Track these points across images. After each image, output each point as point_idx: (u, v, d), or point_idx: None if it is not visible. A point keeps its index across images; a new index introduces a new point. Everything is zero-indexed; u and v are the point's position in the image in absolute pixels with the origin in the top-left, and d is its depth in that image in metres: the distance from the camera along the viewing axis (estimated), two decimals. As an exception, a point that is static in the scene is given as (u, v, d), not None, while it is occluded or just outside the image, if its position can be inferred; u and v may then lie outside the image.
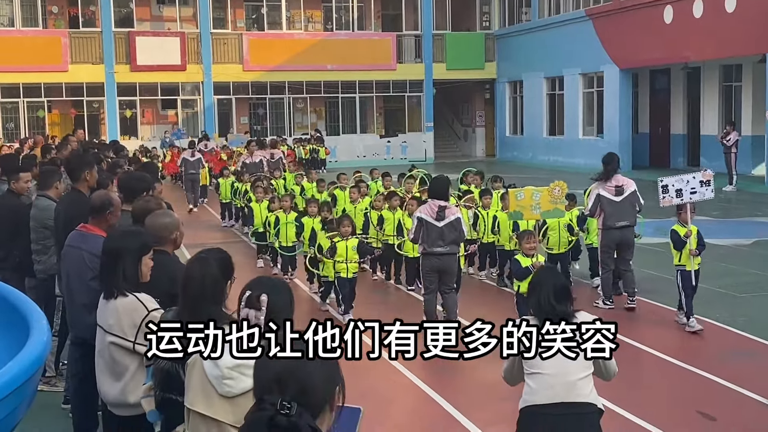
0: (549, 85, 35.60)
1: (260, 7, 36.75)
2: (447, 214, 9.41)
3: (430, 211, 9.43)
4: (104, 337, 4.84)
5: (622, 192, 10.98)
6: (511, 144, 38.37)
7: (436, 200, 9.56)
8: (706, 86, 29.44)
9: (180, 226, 5.53)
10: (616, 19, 30.41)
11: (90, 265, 5.70)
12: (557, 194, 9.73)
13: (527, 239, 8.98)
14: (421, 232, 9.42)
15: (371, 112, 39.01)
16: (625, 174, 12.80)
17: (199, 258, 4.14)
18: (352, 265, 10.50)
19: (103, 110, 34.67)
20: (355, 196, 14.12)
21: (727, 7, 25.13)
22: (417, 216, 9.54)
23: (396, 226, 12.49)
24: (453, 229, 9.42)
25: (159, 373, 4.04)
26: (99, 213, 6.08)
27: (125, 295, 4.78)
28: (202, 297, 3.98)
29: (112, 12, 33.93)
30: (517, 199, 9.76)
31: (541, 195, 9.63)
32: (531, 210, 9.65)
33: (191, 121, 36.48)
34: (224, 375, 3.32)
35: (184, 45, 34.62)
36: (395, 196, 13.16)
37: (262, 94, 36.86)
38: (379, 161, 36.56)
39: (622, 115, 30.55)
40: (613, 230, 10.83)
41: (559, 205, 9.83)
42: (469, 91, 40.75)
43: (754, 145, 26.60)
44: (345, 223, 10.75)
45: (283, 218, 12.88)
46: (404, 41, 38.22)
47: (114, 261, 4.82)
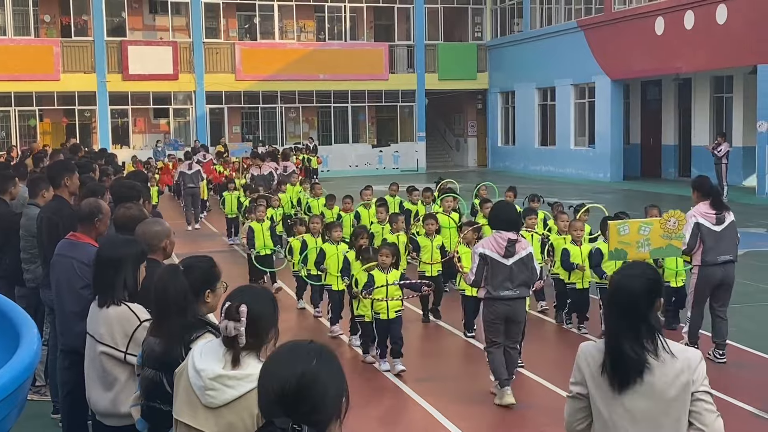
0: (541, 95, 35.70)
1: (253, 16, 36.78)
2: (517, 249, 7.71)
3: (496, 245, 7.68)
4: (95, 346, 4.81)
5: (723, 220, 9.00)
6: (503, 154, 38.44)
7: (504, 232, 7.74)
8: (698, 97, 29.56)
9: (171, 235, 5.50)
10: (608, 30, 30.52)
11: (80, 274, 5.66)
12: (672, 227, 8.08)
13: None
14: (484, 273, 7.70)
15: (363, 121, 39.04)
16: (617, 185, 12.71)
17: (168, 268, 4.14)
18: (394, 303, 8.81)
19: (94, 119, 34.61)
20: (383, 216, 12.39)
21: (718, 18, 25.25)
22: (479, 252, 7.75)
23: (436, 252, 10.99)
24: (524, 267, 7.73)
25: (144, 381, 4.03)
26: (87, 220, 6.02)
27: (118, 304, 4.75)
28: (166, 307, 3.97)
29: (104, 21, 33.91)
30: (620, 233, 8.04)
31: (651, 229, 8.04)
32: (638, 248, 7.97)
33: (183, 130, 36.45)
34: (207, 386, 3.29)
35: (177, 54, 34.61)
36: (430, 219, 11.36)
37: (255, 104, 36.87)
38: (371, 171, 36.68)
39: (613, 126, 30.64)
40: (714, 267, 8.89)
41: (674, 240, 8.14)
42: (461, 101, 40.83)
43: (745, 156, 26.70)
44: (384, 252, 8.94)
45: (311, 243, 11.11)
46: (396, 51, 38.29)
47: (114, 269, 4.79)
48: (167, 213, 20.56)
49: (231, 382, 3.26)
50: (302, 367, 2.43)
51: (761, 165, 24.24)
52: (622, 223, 8.16)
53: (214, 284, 4.14)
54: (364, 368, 9.12)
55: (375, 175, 35.15)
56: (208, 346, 3.44)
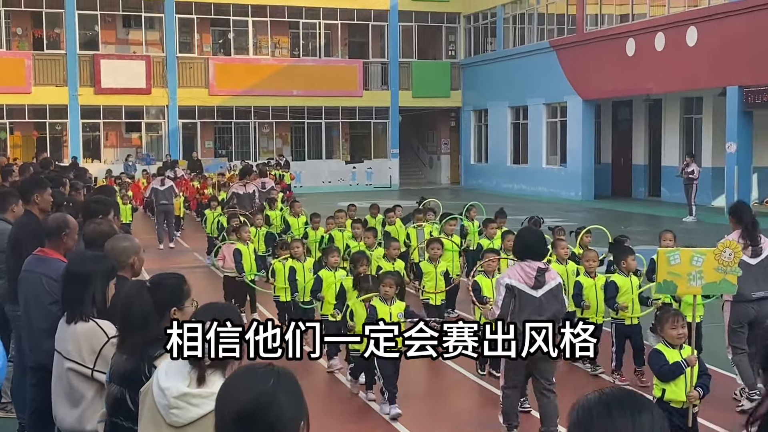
0: (513, 114, 35.93)
1: (227, 32, 36.77)
2: (547, 279, 7.06)
3: (525, 275, 7.00)
4: (62, 362, 4.77)
5: (759, 253, 8.17)
6: (476, 172, 38.60)
7: (532, 261, 7.08)
8: (668, 118, 29.88)
9: (140, 251, 5.47)
10: (580, 50, 30.81)
11: (48, 290, 5.61)
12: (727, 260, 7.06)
13: (672, 322, 6.44)
14: (511, 306, 6.96)
15: (337, 138, 39.08)
16: (588, 203, 12.47)
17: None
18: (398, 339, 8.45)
19: (66, 132, 34.36)
20: (371, 241, 11.77)
21: (689, 41, 25.58)
22: (505, 283, 7.02)
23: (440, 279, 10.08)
24: (553, 299, 7.06)
25: (109, 398, 4.02)
26: (55, 235, 5.97)
27: (86, 320, 4.72)
28: (129, 323, 3.98)
29: (77, 34, 33.73)
30: (671, 263, 6.98)
31: (704, 259, 6.97)
32: (689, 281, 6.91)
33: (155, 144, 36.28)
34: (171, 404, 3.28)
35: (150, 68, 34.48)
36: (436, 243, 10.46)
37: (228, 119, 36.80)
38: (345, 187, 36.70)
39: (584, 145, 30.88)
40: (748, 303, 8.10)
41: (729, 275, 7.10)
42: (434, 118, 41.00)
43: (714, 176, 26.99)
44: (388, 282, 7.98)
45: (299, 267, 10.37)
46: (371, 68, 38.42)
47: (83, 285, 4.76)
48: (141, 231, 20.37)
49: (196, 401, 3.25)
50: (259, 389, 2.40)
51: (730, 186, 24.51)
52: (672, 251, 7.10)
53: (182, 302, 4.12)
54: (359, 408, 8.54)
55: (348, 192, 35.18)
56: (173, 364, 3.43)
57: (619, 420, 2.10)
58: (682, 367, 6.25)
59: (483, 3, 37.38)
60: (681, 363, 6.25)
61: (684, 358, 6.29)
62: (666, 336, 6.44)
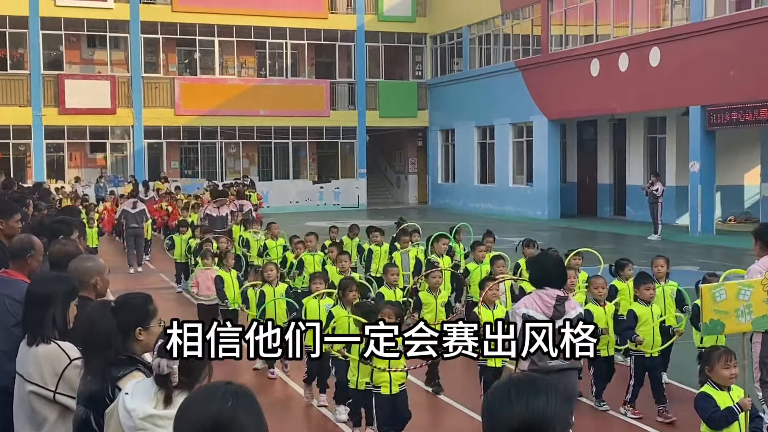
0: (480, 133, 36.15)
1: (193, 51, 36.68)
2: (567, 309, 6.47)
3: (542, 305, 6.43)
4: (24, 385, 4.69)
5: None
6: (443, 191, 38.75)
7: (551, 289, 6.51)
8: (632, 137, 30.22)
9: (104, 272, 5.40)
10: (545, 71, 31.11)
11: (12, 311, 5.51)
12: None
13: (725, 361, 5.78)
14: None
15: (304, 157, 39.07)
16: (554, 222, 12.15)
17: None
18: (399, 375, 7.14)
19: (29, 153, 34.00)
20: (346, 266, 10.94)
21: (652, 61, 25.92)
22: (521, 313, 6.43)
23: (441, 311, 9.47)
24: None
25: (75, 420, 3.96)
26: (19, 257, 5.90)
27: (47, 342, 4.64)
28: (90, 344, 3.92)
29: (41, 54, 33.47)
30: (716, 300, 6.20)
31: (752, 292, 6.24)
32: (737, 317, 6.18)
33: (120, 165, 36.02)
34: (137, 426, 3.24)
35: (115, 88, 34.28)
36: (436, 272, 9.82)
37: (194, 139, 36.64)
38: (312, 207, 36.68)
39: (550, 165, 31.13)
40: None
41: None
42: (401, 138, 41.13)
43: (678, 195, 27.30)
44: (387, 313, 7.12)
45: (270, 293, 9.86)
46: (338, 88, 38.50)
47: (43, 307, 4.69)
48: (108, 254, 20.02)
49: (162, 422, 3.20)
50: (218, 407, 2.37)
51: (694, 204, 24.81)
52: (717, 287, 6.30)
53: (148, 322, 4.06)
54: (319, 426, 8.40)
55: (316, 212, 35.15)
56: (139, 385, 3.38)
57: (516, 402, 2.24)
58: (736, 412, 5.63)
59: (449, 23, 37.67)
60: (734, 408, 5.64)
61: (737, 402, 5.68)
62: (717, 377, 5.78)
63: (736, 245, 22.69)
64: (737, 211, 28.54)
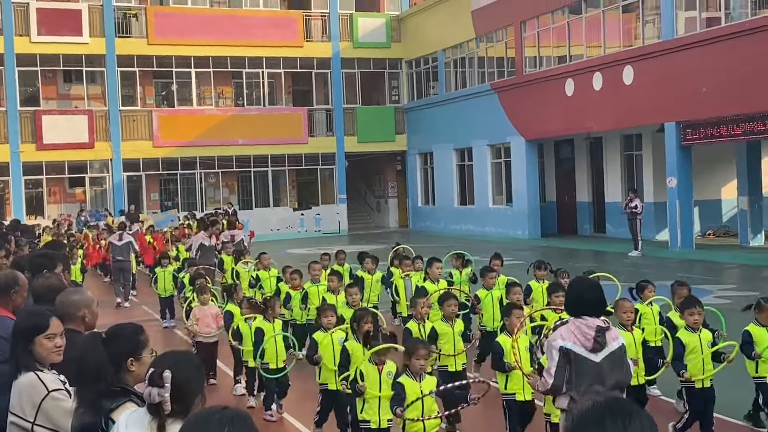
0: (458, 156, 36.32)
1: (170, 83, 36.72)
2: (608, 340, 5.79)
3: (581, 336, 5.75)
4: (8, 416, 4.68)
5: None
6: (424, 214, 38.84)
7: (589, 318, 5.83)
8: (609, 155, 30.46)
9: (92, 304, 5.40)
10: (520, 92, 31.36)
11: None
12: None
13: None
14: (566, 374, 5.73)
15: (284, 185, 39.10)
16: (535, 242, 12.09)
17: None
18: (433, 423, 6.42)
19: (8, 190, 33.84)
20: (335, 285, 10.76)
21: (625, 79, 26.20)
22: (559, 346, 5.77)
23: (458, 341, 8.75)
24: (617, 364, 5.79)
25: None
26: (4, 293, 5.89)
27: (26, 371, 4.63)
28: (81, 376, 3.93)
29: (17, 91, 33.40)
30: None
31: None
32: None
33: (100, 199, 35.91)
34: None
35: (92, 122, 34.23)
36: (450, 300, 8.93)
37: (173, 170, 36.60)
38: (293, 234, 36.65)
39: (529, 185, 31.29)
40: None
41: None
42: (380, 162, 41.26)
43: (657, 211, 27.51)
44: (422, 354, 6.53)
45: (269, 330, 9.42)
46: (315, 115, 38.63)
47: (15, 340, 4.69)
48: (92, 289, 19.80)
49: None
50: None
51: (672, 219, 25.00)
52: None
53: (139, 352, 4.07)
54: None
55: (297, 239, 35.13)
56: (133, 415, 3.40)
57: (611, 427, 2.15)
58: None
59: (424, 48, 37.94)
60: None
61: None
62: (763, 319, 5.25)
63: (716, 259, 22.89)
64: (716, 225, 28.81)
